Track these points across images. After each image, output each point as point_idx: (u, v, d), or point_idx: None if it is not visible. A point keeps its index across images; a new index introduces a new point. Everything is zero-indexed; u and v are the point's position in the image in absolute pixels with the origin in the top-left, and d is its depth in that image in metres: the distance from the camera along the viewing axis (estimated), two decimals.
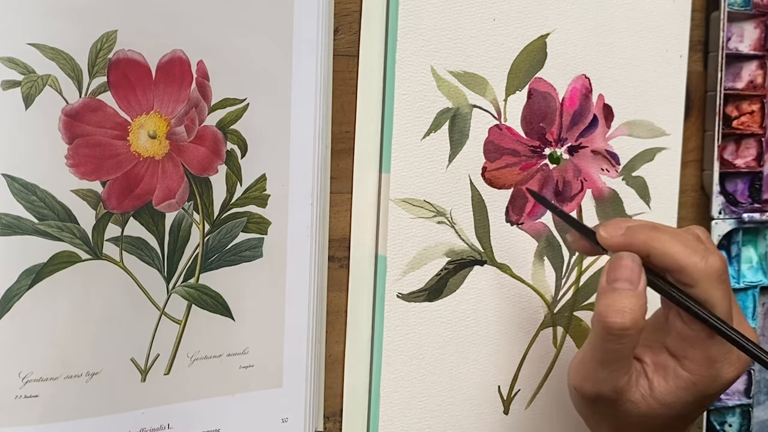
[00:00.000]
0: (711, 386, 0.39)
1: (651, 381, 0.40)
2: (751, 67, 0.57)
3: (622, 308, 0.38)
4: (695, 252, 0.39)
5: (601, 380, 0.40)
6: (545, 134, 0.51)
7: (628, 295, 0.39)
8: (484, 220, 0.50)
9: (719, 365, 0.39)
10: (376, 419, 0.48)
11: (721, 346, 0.39)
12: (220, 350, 0.45)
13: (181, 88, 0.42)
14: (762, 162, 0.58)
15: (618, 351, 0.39)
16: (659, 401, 0.40)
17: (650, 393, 0.40)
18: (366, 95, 0.48)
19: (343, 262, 0.48)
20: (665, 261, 0.39)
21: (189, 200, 0.43)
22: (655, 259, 0.39)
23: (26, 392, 0.40)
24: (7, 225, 0.39)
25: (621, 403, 0.40)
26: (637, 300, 0.39)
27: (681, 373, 0.39)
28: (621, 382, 0.40)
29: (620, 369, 0.39)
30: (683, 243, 0.39)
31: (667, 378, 0.40)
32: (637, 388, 0.40)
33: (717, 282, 0.39)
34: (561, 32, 0.51)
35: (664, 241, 0.39)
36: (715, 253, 0.39)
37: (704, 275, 0.38)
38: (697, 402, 0.40)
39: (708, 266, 0.38)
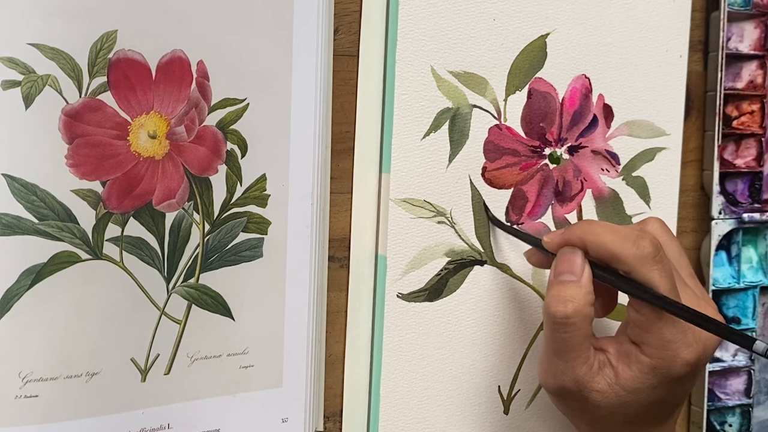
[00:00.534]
0: (672, 368, 0.40)
1: (616, 369, 0.41)
2: (751, 67, 0.57)
3: (564, 298, 0.41)
4: (626, 239, 0.40)
5: (560, 372, 0.42)
6: (545, 134, 0.51)
7: (571, 285, 0.41)
8: (484, 220, 0.50)
9: (675, 346, 0.40)
10: (376, 419, 0.48)
11: (672, 327, 0.40)
12: (220, 350, 0.45)
13: (181, 88, 0.42)
14: (762, 162, 0.58)
15: (567, 340, 0.41)
16: (626, 388, 0.41)
17: (616, 381, 0.41)
18: (366, 95, 0.48)
19: (343, 262, 0.48)
20: (601, 252, 0.41)
21: (189, 200, 0.43)
22: (592, 251, 0.41)
23: (26, 392, 0.40)
24: (7, 225, 0.39)
25: (587, 394, 0.41)
26: (579, 290, 0.41)
27: (642, 358, 0.40)
28: (579, 372, 0.41)
29: (575, 358, 0.41)
30: (615, 232, 0.41)
31: (630, 365, 0.41)
32: (602, 377, 0.41)
33: (651, 263, 0.40)
34: (561, 32, 0.51)
35: (597, 233, 0.41)
36: (647, 237, 0.40)
37: (637, 259, 0.40)
38: (663, 386, 0.41)
39: (639, 250, 0.40)
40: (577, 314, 0.40)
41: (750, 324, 0.58)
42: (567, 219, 0.52)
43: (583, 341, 0.41)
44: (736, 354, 0.58)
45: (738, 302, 0.58)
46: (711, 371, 0.57)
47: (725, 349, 0.58)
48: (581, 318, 0.40)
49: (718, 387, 0.58)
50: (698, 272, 0.58)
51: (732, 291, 0.58)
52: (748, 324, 0.58)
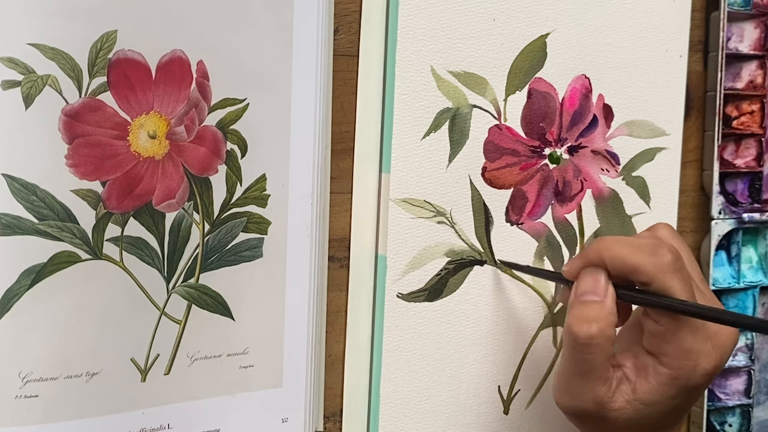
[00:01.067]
0: (692, 378, 0.40)
1: (634, 384, 0.41)
2: (751, 67, 0.57)
3: (588, 318, 0.40)
4: (643, 250, 0.40)
5: (580, 393, 0.41)
6: (545, 134, 0.51)
7: (594, 306, 0.40)
8: (484, 220, 0.50)
9: (695, 356, 0.39)
10: (376, 419, 0.48)
11: (693, 336, 0.39)
12: (220, 350, 0.45)
13: (181, 88, 0.42)
14: (762, 162, 0.58)
15: (589, 361, 0.40)
16: (644, 402, 0.40)
17: (634, 396, 0.40)
18: (366, 95, 0.48)
19: (343, 262, 0.48)
20: (619, 266, 0.40)
21: (189, 200, 0.43)
22: (611, 266, 0.41)
23: (26, 392, 0.40)
24: (7, 225, 0.39)
25: (605, 414, 0.40)
26: (602, 310, 0.40)
27: (660, 369, 0.40)
28: (599, 392, 0.40)
29: (596, 379, 0.40)
30: (631, 245, 0.40)
31: (648, 377, 0.40)
32: (619, 395, 0.40)
33: (671, 273, 0.39)
34: (561, 32, 0.51)
35: (613, 248, 0.41)
36: (664, 246, 0.40)
37: (657, 269, 0.39)
38: (681, 396, 0.40)
39: (658, 260, 0.39)
40: (601, 335, 0.39)
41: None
42: (567, 219, 0.52)
43: (605, 362, 0.40)
44: (736, 354, 0.58)
45: (738, 302, 0.58)
46: None
47: None
48: (605, 339, 0.39)
49: (718, 387, 0.58)
50: None
51: (732, 291, 0.58)
52: None
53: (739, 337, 0.43)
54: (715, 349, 0.40)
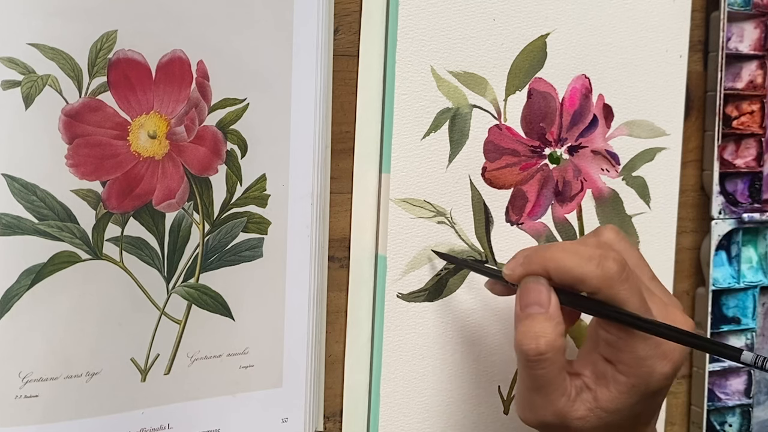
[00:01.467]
0: (650, 384, 0.39)
1: (594, 392, 0.40)
2: (751, 67, 0.57)
3: (535, 334, 0.39)
4: (589, 260, 0.39)
5: (539, 407, 0.40)
6: (545, 134, 0.51)
7: (540, 319, 0.39)
8: (484, 220, 0.50)
9: (650, 362, 0.39)
10: (376, 419, 0.48)
11: (644, 343, 0.39)
12: (220, 350, 0.45)
13: (181, 88, 0.42)
14: (762, 162, 0.58)
15: (543, 375, 0.39)
16: (606, 410, 0.40)
17: (596, 404, 0.40)
18: (366, 95, 0.48)
19: (343, 262, 0.48)
20: (565, 277, 0.40)
21: (189, 200, 0.43)
22: (556, 277, 0.40)
23: (26, 392, 0.40)
24: (7, 225, 0.39)
25: (568, 423, 0.40)
26: (549, 322, 0.39)
27: (619, 377, 0.39)
28: (559, 404, 0.40)
29: (553, 392, 0.40)
30: (577, 254, 0.39)
31: (609, 385, 0.40)
32: (581, 403, 0.40)
33: (618, 283, 0.39)
34: (561, 32, 0.51)
35: (558, 258, 0.40)
36: (610, 256, 0.39)
37: (603, 281, 0.39)
38: (643, 402, 0.40)
39: (604, 272, 0.39)
40: (551, 348, 0.39)
41: (750, 324, 0.58)
42: (567, 219, 0.52)
43: (559, 373, 0.40)
44: None
45: (738, 302, 0.58)
46: (711, 371, 0.57)
47: None
48: (555, 351, 0.39)
49: (718, 387, 0.58)
50: (698, 272, 0.58)
51: (732, 291, 0.58)
52: (748, 324, 0.58)
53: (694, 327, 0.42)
54: (671, 351, 0.40)
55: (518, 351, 0.40)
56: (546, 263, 0.40)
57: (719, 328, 0.58)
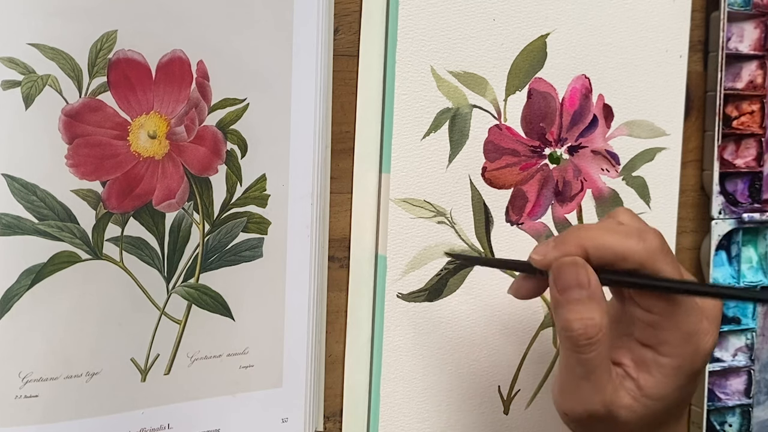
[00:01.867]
0: (695, 362, 0.38)
1: (637, 380, 0.39)
2: (751, 67, 0.57)
3: (582, 318, 0.37)
4: (629, 236, 0.38)
5: (587, 396, 0.38)
6: (545, 134, 0.51)
7: (584, 301, 0.37)
8: (484, 220, 0.50)
9: (696, 338, 0.38)
10: (376, 419, 0.48)
11: (689, 317, 0.38)
12: (220, 350, 0.45)
13: (181, 88, 0.42)
14: (762, 162, 0.58)
15: (593, 359, 0.37)
16: (652, 397, 0.38)
17: (641, 392, 0.38)
18: (366, 95, 0.48)
19: (343, 262, 0.48)
20: (606, 255, 0.38)
21: (189, 200, 0.43)
22: (595, 256, 0.38)
23: (26, 392, 0.40)
24: (7, 225, 0.39)
25: (616, 413, 0.38)
26: (594, 303, 0.37)
27: (662, 360, 0.38)
28: (607, 391, 0.38)
29: (601, 377, 0.38)
30: (615, 231, 0.38)
31: (651, 371, 0.38)
32: (625, 392, 0.38)
33: (662, 257, 0.37)
34: (561, 32, 0.51)
35: (596, 237, 0.38)
36: (649, 230, 0.38)
37: (647, 255, 0.37)
38: (689, 382, 0.39)
39: (647, 246, 0.37)
40: (599, 330, 0.37)
41: (750, 324, 0.58)
42: (567, 219, 0.52)
43: (607, 356, 0.38)
44: (736, 354, 0.58)
45: (738, 302, 0.58)
46: (711, 371, 0.57)
47: (725, 349, 0.58)
48: (604, 333, 0.37)
49: (718, 387, 0.58)
50: (698, 272, 0.58)
51: None
52: (748, 324, 0.58)
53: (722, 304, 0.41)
54: (711, 325, 0.38)
55: (565, 338, 0.38)
56: (583, 242, 0.38)
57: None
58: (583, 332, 0.37)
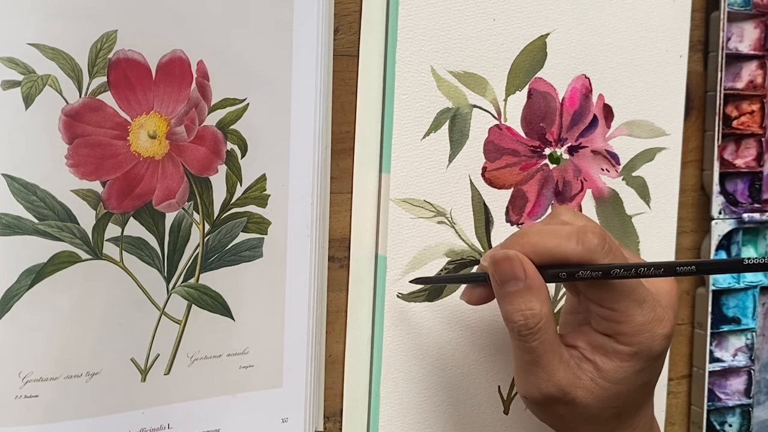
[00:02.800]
0: (653, 348, 0.39)
1: (594, 362, 0.40)
2: (751, 67, 0.57)
3: (521, 310, 0.39)
4: (569, 238, 0.39)
5: (541, 380, 0.40)
6: (545, 134, 0.51)
7: (523, 294, 0.39)
8: (484, 220, 0.50)
9: (650, 326, 0.39)
10: (376, 419, 0.48)
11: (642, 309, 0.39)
12: (220, 350, 0.45)
13: (181, 88, 0.42)
14: (762, 162, 0.58)
15: (539, 346, 0.39)
16: (610, 380, 0.39)
17: (599, 374, 0.39)
18: (366, 95, 0.48)
19: (343, 262, 0.48)
20: (546, 259, 0.39)
21: (189, 200, 0.43)
22: (538, 260, 0.39)
23: (26, 392, 0.40)
24: (7, 225, 0.39)
25: (573, 394, 0.39)
26: (531, 294, 0.39)
27: (619, 348, 0.39)
28: (560, 373, 0.39)
29: (551, 360, 0.39)
30: (555, 235, 0.39)
31: (609, 355, 0.39)
32: (582, 372, 0.40)
33: (602, 256, 0.38)
34: (561, 32, 0.51)
35: (536, 242, 0.39)
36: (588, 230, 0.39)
37: (586, 255, 0.38)
38: (648, 367, 0.40)
39: (586, 246, 0.38)
40: (539, 319, 0.39)
41: (750, 324, 0.58)
42: None
43: (554, 341, 0.39)
44: (736, 354, 0.58)
45: (738, 302, 0.58)
46: (711, 371, 0.57)
47: (725, 349, 0.58)
48: (545, 321, 0.39)
49: (718, 387, 0.58)
50: None
51: (732, 291, 0.58)
52: (748, 324, 0.58)
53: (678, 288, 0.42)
54: (666, 311, 0.39)
55: (510, 329, 0.40)
56: (524, 249, 0.40)
57: (719, 328, 0.58)
58: (524, 323, 0.39)
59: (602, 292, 0.39)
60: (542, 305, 0.39)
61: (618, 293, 0.39)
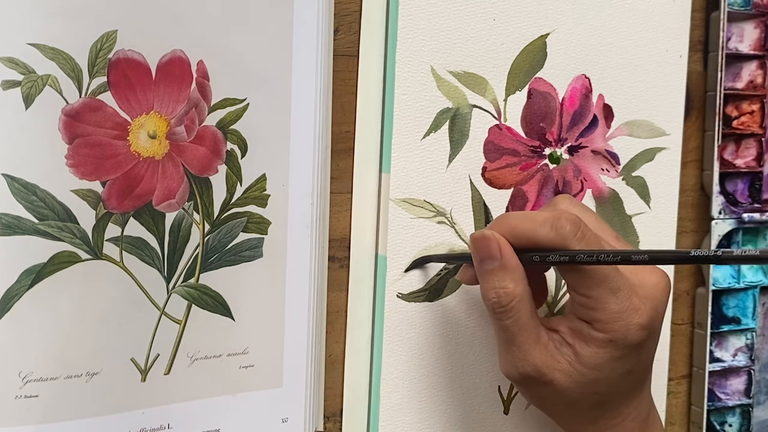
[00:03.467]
0: (628, 336, 0.40)
1: (573, 346, 0.41)
2: (751, 67, 0.57)
3: (495, 287, 0.40)
4: (544, 224, 0.40)
5: (517, 358, 0.41)
6: (545, 134, 0.51)
7: (497, 272, 0.41)
8: (484, 220, 0.50)
9: (624, 315, 0.40)
10: (376, 419, 0.48)
11: (615, 297, 0.39)
12: (220, 350, 0.45)
13: (181, 88, 0.42)
14: (762, 162, 0.58)
15: (513, 325, 0.40)
16: (587, 365, 0.40)
17: (576, 359, 0.40)
18: (366, 95, 0.48)
19: (343, 262, 0.48)
20: (521, 241, 0.41)
21: (189, 200, 0.43)
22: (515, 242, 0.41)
23: (26, 392, 0.40)
24: (7, 225, 0.39)
25: (550, 375, 0.41)
26: (505, 273, 0.40)
27: (594, 334, 0.40)
28: (535, 353, 0.41)
29: (526, 341, 0.40)
30: (531, 219, 0.41)
31: (586, 341, 0.40)
32: (561, 355, 0.41)
33: (573, 243, 0.39)
34: (561, 32, 0.51)
35: (513, 225, 0.41)
36: (563, 216, 0.40)
37: (557, 241, 0.40)
38: (627, 355, 0.40)
39: (558, 232, 0.40)
40: (512, 298, 0.40)
41: (750, 324, 0.58)
42: None
43: (529, 321, 0.40)
44: (736, 354, 0.58)
45: (738, 302, 0.58)
46: (711, 371, 0.57)
47: (725, 349, 0.58)
48: (518, 300, 0.40)
49: (718, 387, 0.58)
50: (698, 272, 0.58)
51: (732, 291, 0.58)
52: (748, 324, 0.58)
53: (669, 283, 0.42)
54: (644, 302, 0.40)
55: (486, 306, 0.41)
56: (503, 231, 0.41)
57: (719, 328, 0.58)
58: (497, 300, 0.40)
59: (578, 279, 0.40)
60: (516, 285, 0.40)
61: (591, 280, 0.40)
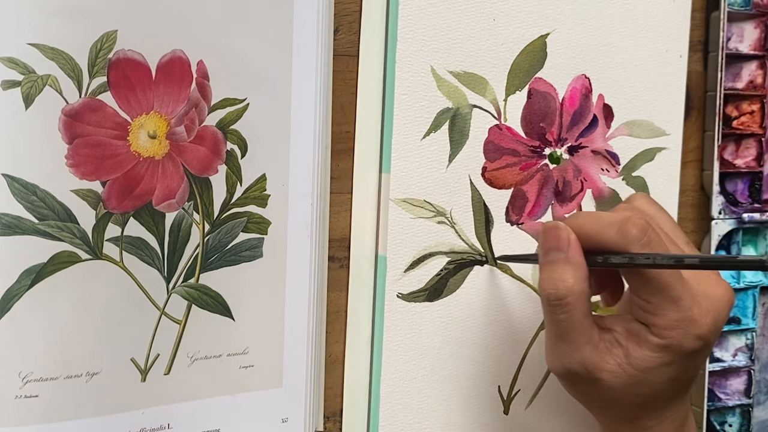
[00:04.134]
0: (684, 344, 0.39)
1: (625, 348, 0.40)
2: (751, 67, 0.57)
3: (554, 279, 0.40)
4: (610, 226, 0.40)
5: (565, 354, 0.41)
6: (545, 134, 0.51)
7: (559, 264, 0.40)
8: (484, 220, 0.50)
9: (684, 324, 0.39)
10: (376, 419, 0.48)
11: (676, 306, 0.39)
12: (220, 350, 0.45)
13: (181, 88, 0.42)
14: (762, 162, 0.58)
15: (566, 321, 0.40)
16: (637, 367, 0.40)
17: (627, 360, 0.40)
18: (366, 95, 0.48)
19: (343, 262, 0.48)
20: (587, 242, 0.40)
21: (189, 200, 0.43)
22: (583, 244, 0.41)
23: (26, 392, 0.40)
24: (7, 225, 0.39)
25: (597, 375, 0.40)
26: (569, 266, 0.40)
27: (651, 338, 0.40)
28: (584, 352, 0.40)
29: (577, 339, 0.40)
30: (599, 220, 0.40)
31: (640, 343, 0.40)
32: (611, 357, 0.40)
33: (638, 248, 0.39)
34: (561, 32, 0.51)
35: (581, 225, 0.41)
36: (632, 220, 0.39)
37: (621, 246, 0.39)
38: (677, 362, 0.40)
39: (623, 237, 0.39)
40: (570, 293, 0.39)
41: (750, 324, 0.58)
42: None
43: (583, 320, 0.40)
44: (736, 354, 0.58)
45: (738, 302, 0.58)
46: (711, 371, 0.57)
47: (725, 349, 0.58)
48: (575, 296, 0.39)
49: (718, 387, 0.58)
50: None
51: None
52: (748, 324, 0.58)
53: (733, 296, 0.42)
54: (705, 314, 0.40)
55: (541, 297, 0.41)
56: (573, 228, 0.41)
57: None
58: (554, 292, 0.40)
59: (641, 284, 0.40)
60: (576, 282, 0.40)
61: (653, 287, 0.39)
